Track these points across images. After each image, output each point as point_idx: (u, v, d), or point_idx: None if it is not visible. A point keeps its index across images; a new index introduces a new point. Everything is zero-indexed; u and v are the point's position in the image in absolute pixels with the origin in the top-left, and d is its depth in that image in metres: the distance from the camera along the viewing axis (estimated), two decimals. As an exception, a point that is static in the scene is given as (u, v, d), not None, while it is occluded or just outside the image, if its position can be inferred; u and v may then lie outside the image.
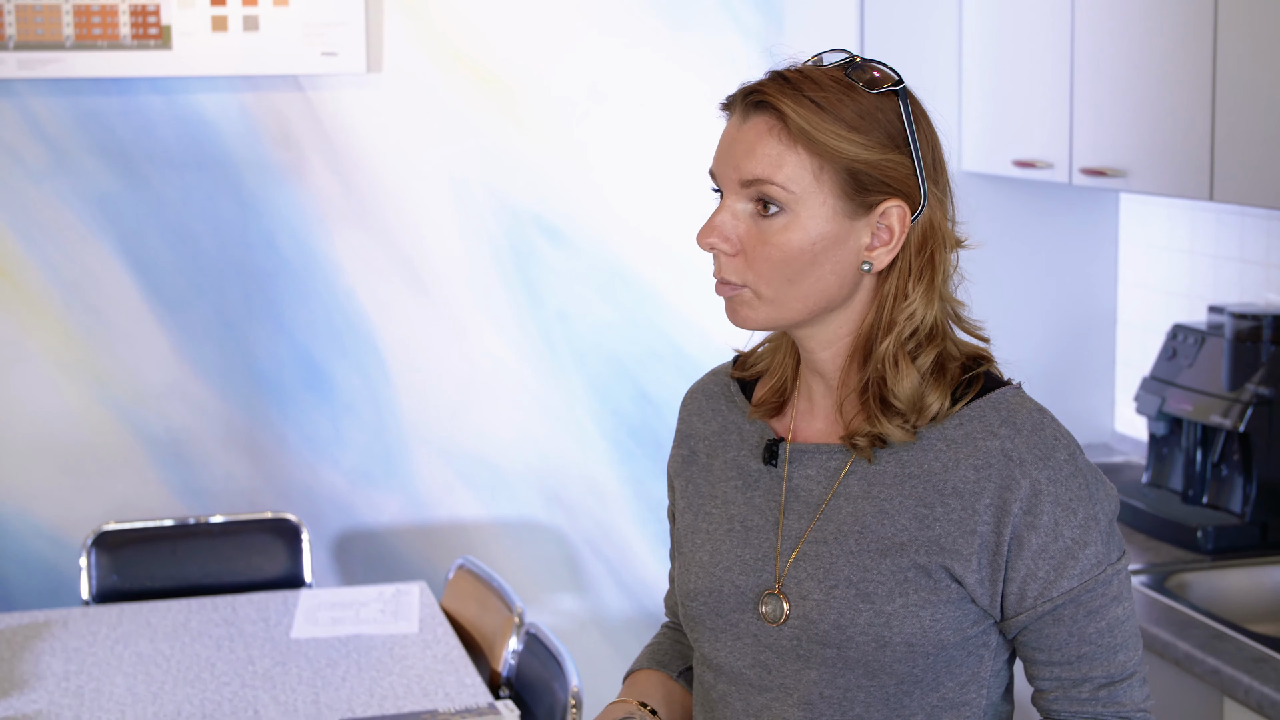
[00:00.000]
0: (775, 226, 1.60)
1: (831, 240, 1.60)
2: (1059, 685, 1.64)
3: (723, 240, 1.62)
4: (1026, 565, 1.59)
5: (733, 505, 1.73)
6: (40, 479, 3.85)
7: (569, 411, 4.10)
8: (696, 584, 1.74)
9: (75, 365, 3.85)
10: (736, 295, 1.64)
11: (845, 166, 1.58)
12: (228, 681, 3.01)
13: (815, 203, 1.59)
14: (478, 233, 4.00)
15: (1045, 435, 1.61)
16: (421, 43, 3.92)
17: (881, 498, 1.63)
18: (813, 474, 1.68)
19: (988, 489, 1.59)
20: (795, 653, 1.65)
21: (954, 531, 1.60)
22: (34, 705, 2.90)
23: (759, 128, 1.60)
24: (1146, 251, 3.83)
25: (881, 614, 1.60)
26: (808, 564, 1.65)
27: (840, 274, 1.62)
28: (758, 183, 1.59)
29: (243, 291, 3.90)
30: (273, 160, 3.88)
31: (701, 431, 1.81)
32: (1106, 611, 1.61)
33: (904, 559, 1.61)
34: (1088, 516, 1.60)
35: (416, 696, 2.93)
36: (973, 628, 1.63)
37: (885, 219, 1.61)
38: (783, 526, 1.68)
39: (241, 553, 3.71)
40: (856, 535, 1.63)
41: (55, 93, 3.75)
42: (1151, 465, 3.39)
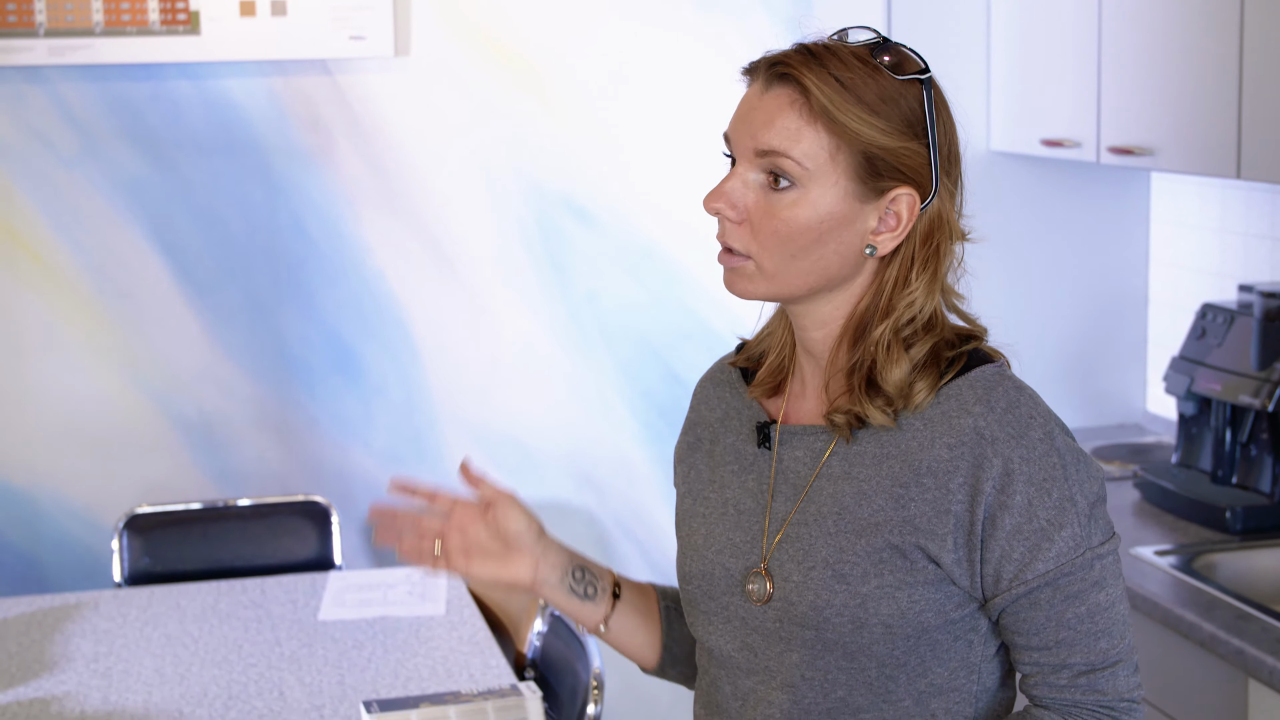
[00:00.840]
0: (785, 201, 1.59)
1: (839, 221, 1.59)
2: (1039, 670, 1.62)
3: (730, 207, 1.61)
4: (1001, 546, 1.57)
5: (728, 489, 1.74)
6: (73, 462, 3.89)
7: (598, 392, 4.10)
8: (691, 567, 1.75)
9: (107, 349, 3.87)
10: (740, 266, 1.63)
11: (862, 149, 1.57)
12: (254, 663, 3.03)
13: (828, 182, 1.58)
14: (506, 214, 4.01)
15: (1020, 413, 1.58)
16: (448, 26, 3.92)
17: (860, 478, 1.62)
18: (800, 455, 1.68)
19: (961, 468, 1.57)
20: (778, 634, 1.65)
21: (928, 511, 1.58)
22: (63, 686, 2.92)
23: (780, 99, 1.59)
24: (1178, 230, 3.80)
25: (857, 595, 1.59)
26: (790, 545, 1.65)
27: (843, 255, 1.61)
28: (773, 154, 1.58)
29: (272, 275, 3.92)
30: (301, 144, 3.89)
31: (708, 419, 1.82)
32: (1087, 596, 1.58)
33: (879, 539, 1.59)
34: (1063, 497, 1.57)
35: (441, 678, 2.95)
36: (956, 610, 1.61)
37: (895, 205, 1.60)
38: (771, 508, 1.68)
39: (272, 535, 3.74)
40: (835, 516, 1.62)
41: (85, 79, 3.77)
42: (1181, 445, 3.37)
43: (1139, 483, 3.36)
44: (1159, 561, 2.98)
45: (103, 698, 2.88)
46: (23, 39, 3.69)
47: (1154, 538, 3.13)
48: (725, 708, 1.73)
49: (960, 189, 1.67)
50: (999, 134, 3.79)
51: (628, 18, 4.00)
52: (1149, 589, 2.85)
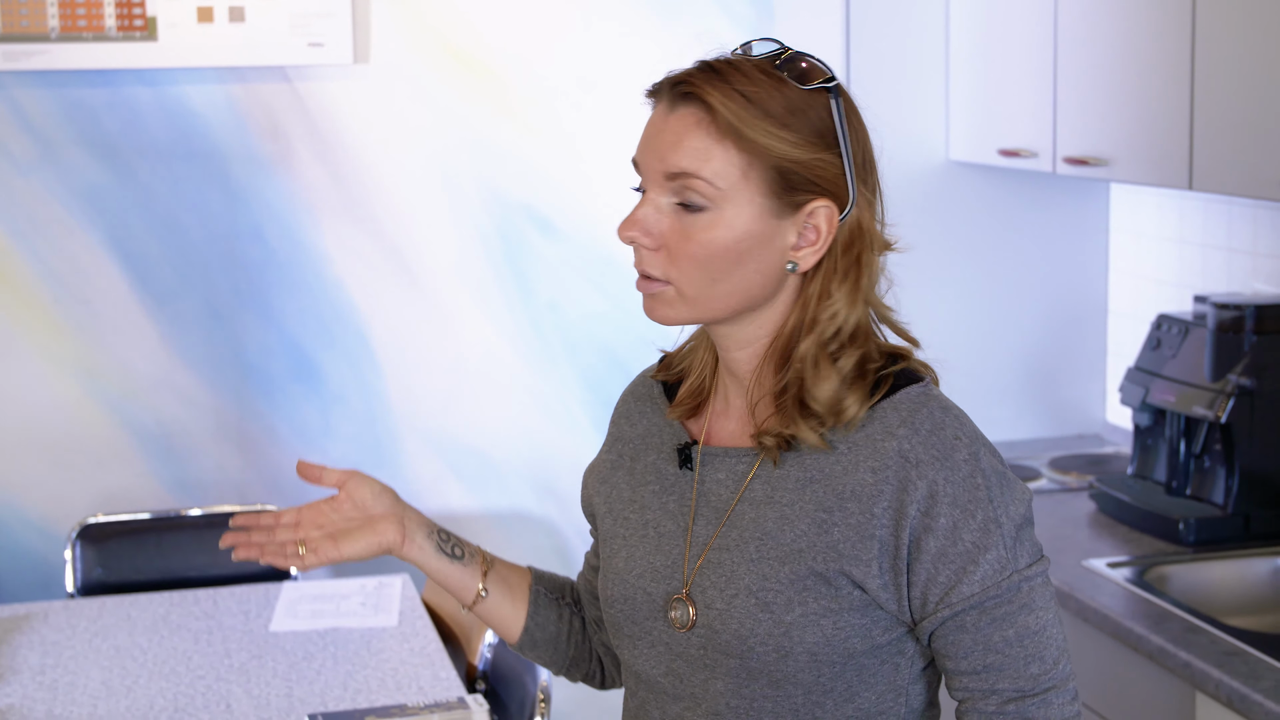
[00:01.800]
0: (700, 223, 1.55)
1: (757, 240, 1.55)
2: (969, 696, 1.59)
3: (644, 234, 1.58)
4: (926, 569, 1.54)
5: (649, 510, 1.70)
6: (29, 471, 3.86)
7: (560, 402, 4.08)
8: (613, 591, 1.71)
9: (64, 357, 3.85)
10: (659, 292, 1.59)
11: (774, 164, 1.54)
12: (202, 675, 3.01)
13: (742, 200, 1.54)
14: (467, 223, 3.99)
15: (945, 435, 1.56)
16: (409, 33, 3.90)
17: (783, 503, 1.59)
18: (722, 478, 1.64)
19: (885, 491, 1.54)
20: (703, 661, 1.62)
21: (852, 536, 1.55)
22: (7, 699, 2.91)
23: (686, 120, 1.56)
24: (1137, 240, 3.80)
25: (781, 623, 1.56)
26: (711, 571, 1.61)
27: (764, 273, 1.57)
28: (683, 176, 1.55)
29: (231, 283, 3.90)
30: (260, 151, 3.88)
31: (628, 435, 1.78)
32: (1015, 619, 1.55)
33: (802, 566, 1.56)
34: (988, 519, 1.54)
35: (390, 690, 2.93)
36: (883, 635, 1.58)
37: (813, 219, 1.57)
38: (692, 532, 1.65)
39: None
40: (757, 542, 1.59)
41: (41, 85, 3.75)
42: (1136, 456, 3.36)
43: (1094, 494, 3.35)
44: (1111, 574, 2.97)
45: (47, 710, 2.86)
46: (-21, 46, 3.68)
47: (1108, 549, 3.12)
48: None
49: (880, 197, 1.63)
50: (958, 144, 3.79)
51: (589, 26, 3.99)
52: (1100, 601, 2.84)
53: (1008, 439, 3.88)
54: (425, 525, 1.79)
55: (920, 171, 3.81)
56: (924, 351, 1.70)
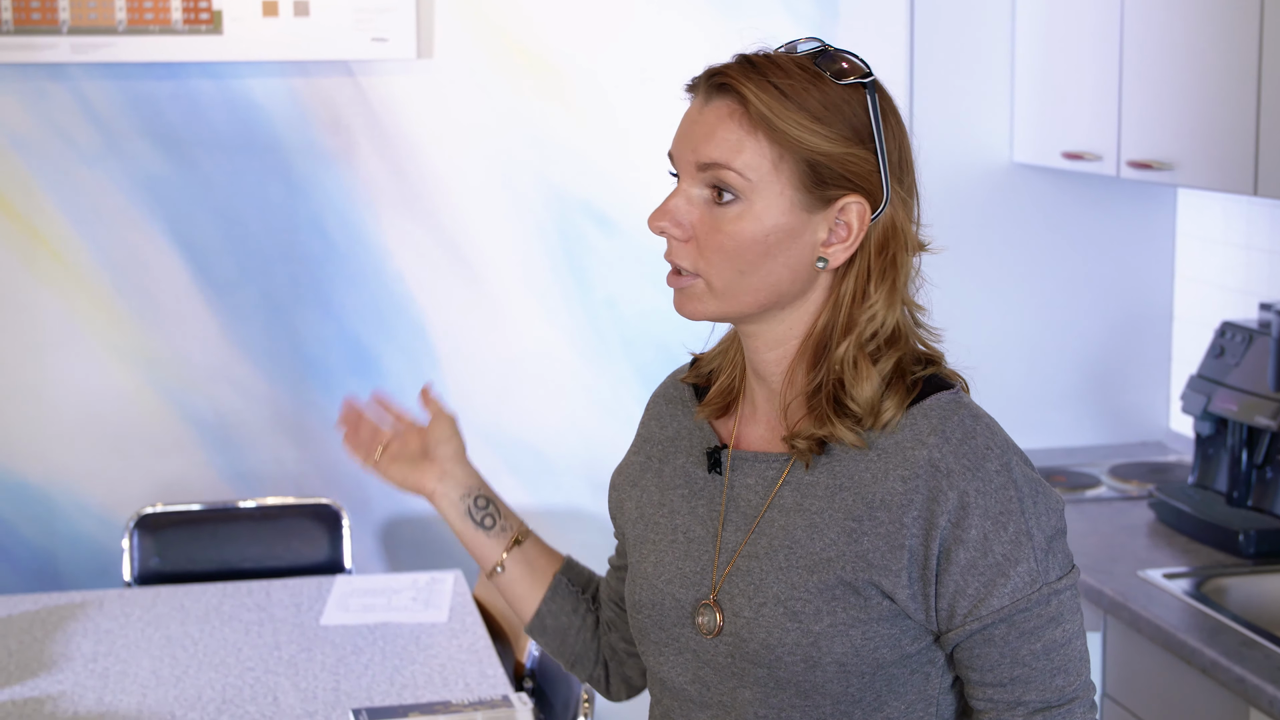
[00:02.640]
0: (729, 215, 1.55)
1: (786, 233, 1.55)
2: (993, 707, 1.57)
3: (674, 225, 1.57)
4: (955, 581, 1.53)
5: (678, 515, 1.69)
6: (90, 460, 3.91)
7: (616, 399, 4.08)
8: (641, 596, 1.70)
9: (125, 347, 3.89)
10: (688, 286, 1.58)
11: (805, 157, 1.53)
12: (251, 667, 3.03)
13: (772, 192, 1.54)
14: (526, 219, 4.00)
15: (976, 444, 1.54)
16: (471, 28, 3.91)
17: (812, 510, 1.58)
18: (751, 483, 1.63)
19: (915, 501, 1.53)
20: (730, 670, 1.61)
21: (882, 546, 1.54)
22: (59, 686, 2.94)
23: (720, 111, 1.56)
24: (1203, 246, 3.74)
25: (809, 634, 1.54)
26: (740, 579, 1.60)
27: (794, 269, 1.56)
28: (714, 167, 1.55)
29: (291, 275, 3.93)
30: (322, 145, 3.89)
31: (658, 436, 1.77)
32: (1043, 633, 1.54)
33: (831, 575, 1.55)
34: (1020, 531, 1.53)
35: (437, 686, 2.94)
36: (912, 645, 1.57)
37: (844, 215, 1.55)
38: (721, 538, 1.64)
39: (282, 538, 3.74)
40: (786, 550, 1.58)
41: (107, 77, 3.79)
42: (1197, 466, 3.31)
43: (1154, 503, 3.30)
44: (1168, 585, 2.93)
45: (97, 699, 2.89)
46: (46, 36, 3.72)
47: (1166, 559, 3.08)
48: None
49: (916, 198, 1.62)
50: (1022, 146, 3.75)
51: (650, 22, 3.98)
52: (1155, 612, 2.80)
53: (1068, 445, 3.84)
54: (464, 486, 1.86)
55: (984, 173, 3.78)
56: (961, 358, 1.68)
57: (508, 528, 1.86)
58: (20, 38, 3.70)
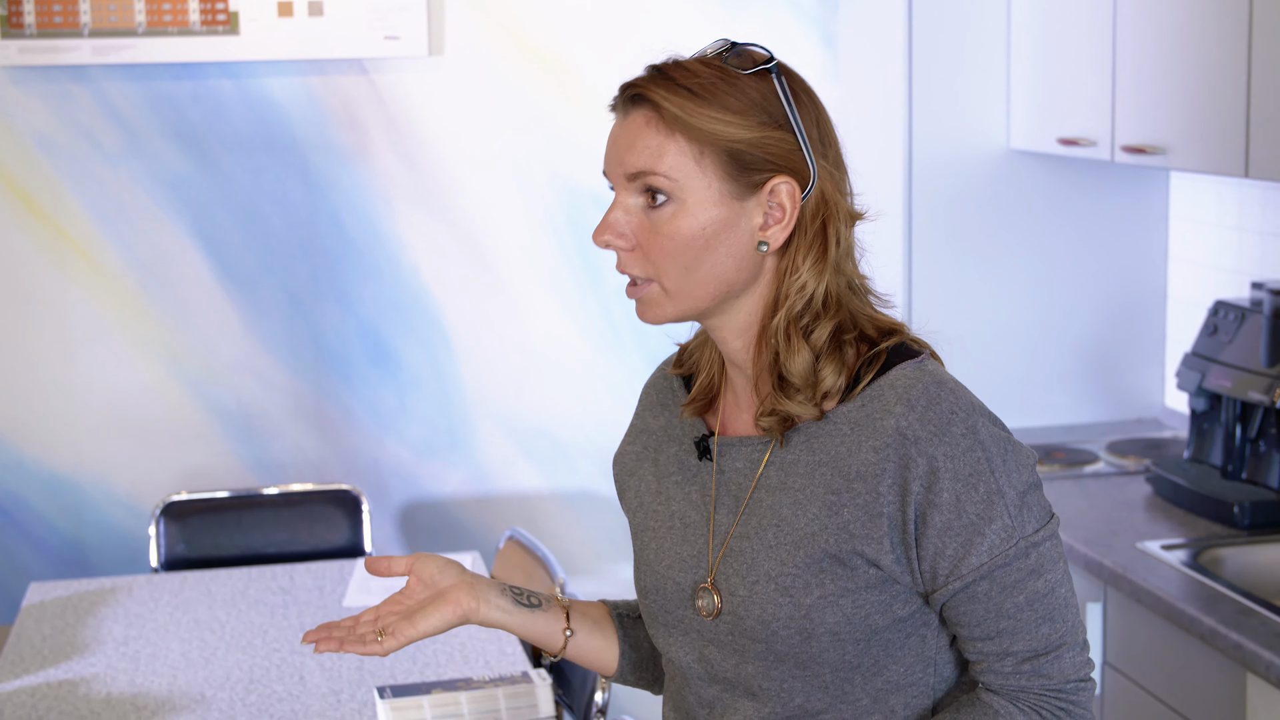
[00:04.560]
0: (665, 216, 1.60)
1: (722, 223, 1.60)
2: (984, 658, 1.64)
3: (617, 236, 1.63)
4: (933, 544, 1.58)
5: (674, 501, 1.75)
6: (117, 450, 4.01)
7: (628, 385, 4.17)
8: (646, 582, 1.77)
9: (150, 341, 3.99)
10: (645, 295, 1.64)
11: (725, 148, 1.59)
12: (277, 648, 3.12)
13: (700, 187, 1.60)
14: (538, 211, 4.09)
15: (941, 410, 1.59)
16: (481, 25, 4.00)
17: (795, 488, 1.64)
18: (740, 466, 1.69)
19: (888, 469, 1.58)
20: (732, 647, 1.68)
21: (861, 516, 1.59)
22: (91, 669, 3.03)
23: (637, 121, 1.62)
24: (1195, 228, 3.82)
25: (801, 607, 1.61)
26: (734, 560, 1.67)
27: (737, 256, 1.62)
28: (642, 175, 1.61)
29: (310, 269, 4.02)
30: (338, 142, 3.99)
31: (652, 426, 1.83)
32: (1025, 585, 1.59)
33: (816, 549, 1.61)
34: (990, 490, 1.58)
35: (458, 664, 3.02)
36: (904, 608, 1.63)
37: (775, 196, 1.61)
38: (714, 521, 1.70)
39: (304, 523, 3.83)
40: (774, 529, 1.64)
41: (129, 78, 3.89)
42: (1192, 441, 3.39)
43: (1150, 477, 3.38)
44: (1166, 556, 3.01)
45: (129, 680, 2.98)
46: (68, 39, 3.81)
47: (1163, 532, 3.16)
48: (693, 714, 1.77)
49: (844, 170, 1.67)
50: (1018, 132, 3.82)
51: (657, 17, 4.06)
52: (1154, 583, 2.88)
53: (1067, 423, 3.92)
54: (497, 585, 1.81)
55: (982, 160, 3.85)
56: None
57: (550, 599, 1.84)
58: (43, 40, 3.80)
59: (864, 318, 1.66)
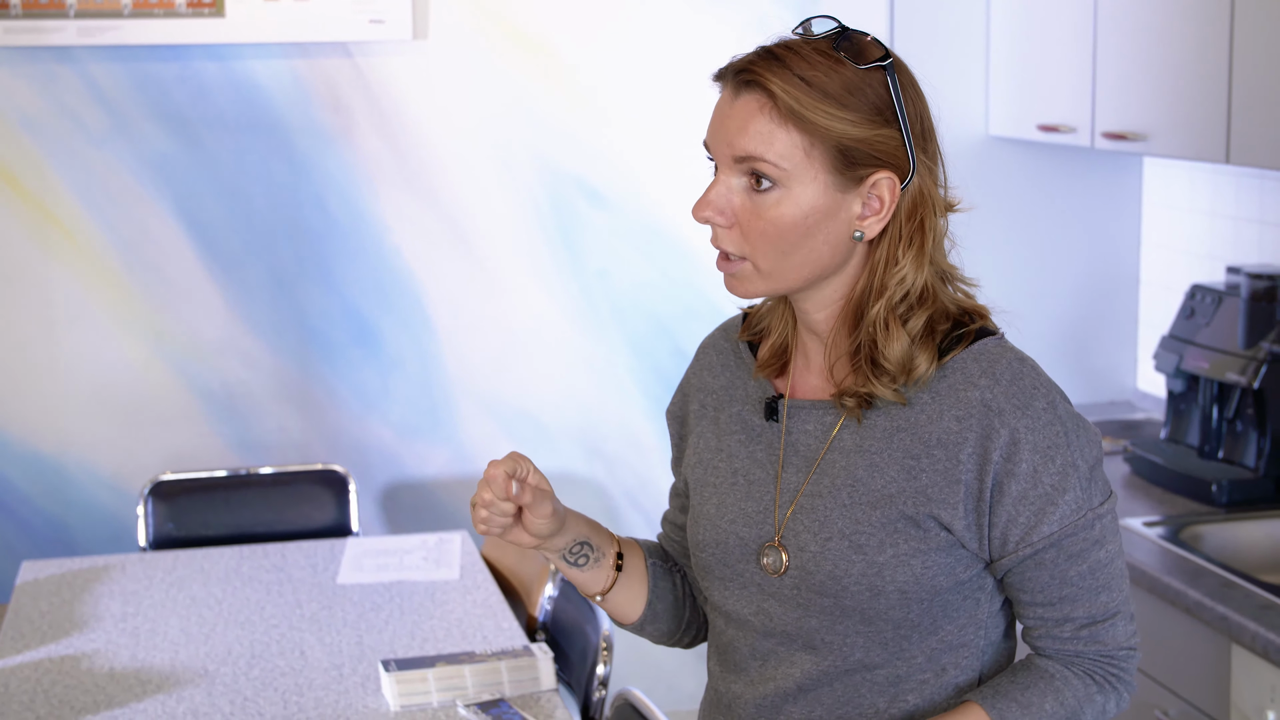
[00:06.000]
0: (768, 201, 1.65)
1: (823, 213, 1.65)
2: (1042, 624, 1.71)
3: (717, 214, 1.67)
4: (1008, 511, 1.65)
5: (736, 459, 1.80)
6: (101, 430, 4.02)
7: (609, 367, 4.22)
8: (704, 535, 1.81)
9: (134, 321, 4.00)
10: (737, 270, 1.69)
11: (835, 143, 1.63)
12: (276, 624, 3.15)
13: (806, 178, 1.63)
14: (520, 194, 4.12)
15: (1024, 384, 1.65)
16: (466, 9, 4.03)
17: (872, 451, 1.69)
18: (810, 429, 1.74)
19: (969, 438, 1.65)
20: (795, 601, 1.72)
21: (939, 481, 1.66)
22: (93, 644, 3.05)
23: (750, 106, 1.65)
24: (1169, 214, 3.90)
25: (874, 564, 1.67)
26: (804, 517, 1.71)
27: (833, 244, 1.67)
28: (750, 159, 1.64)
29: (294, 250, 4.04)
30: (323, 124, 4.01)
31: (711, 385, 1.87)
32: (1088, 555, 1.67)
33: (893, 510, 1.66)
34: (1066, 463, 1.65)
35: (456, 639, 3.05)
36: (965, 572, 1.69)
37: (875, 190, 1.65)
38: (781, 480, 1.74)
39: (292, 502, 3.85)
40: (849, 489, 1.69)
41: (114, 59, 3.90)
42: (1170, 421, 3.48)
43: (1129, 457, 3.47)
44: (1147, 532, 3.09)
45: (131, 655, 3.00)
46: (53, 20, 3.82)
47: (1143, 509, 3.23)
48: (744, 666, 1.80)
49: (940, 163, 1.71)
50: (997, 119, 3.89)
51: (639, 3, 4.11)
52: (1138, 558, 2.95)
53: None
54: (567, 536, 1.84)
55: (960, 146, 3.91)
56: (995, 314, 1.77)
57: (604, 558, 1.89)
58: (28, 21, 3.80)
59: (949, 300, 1.72)
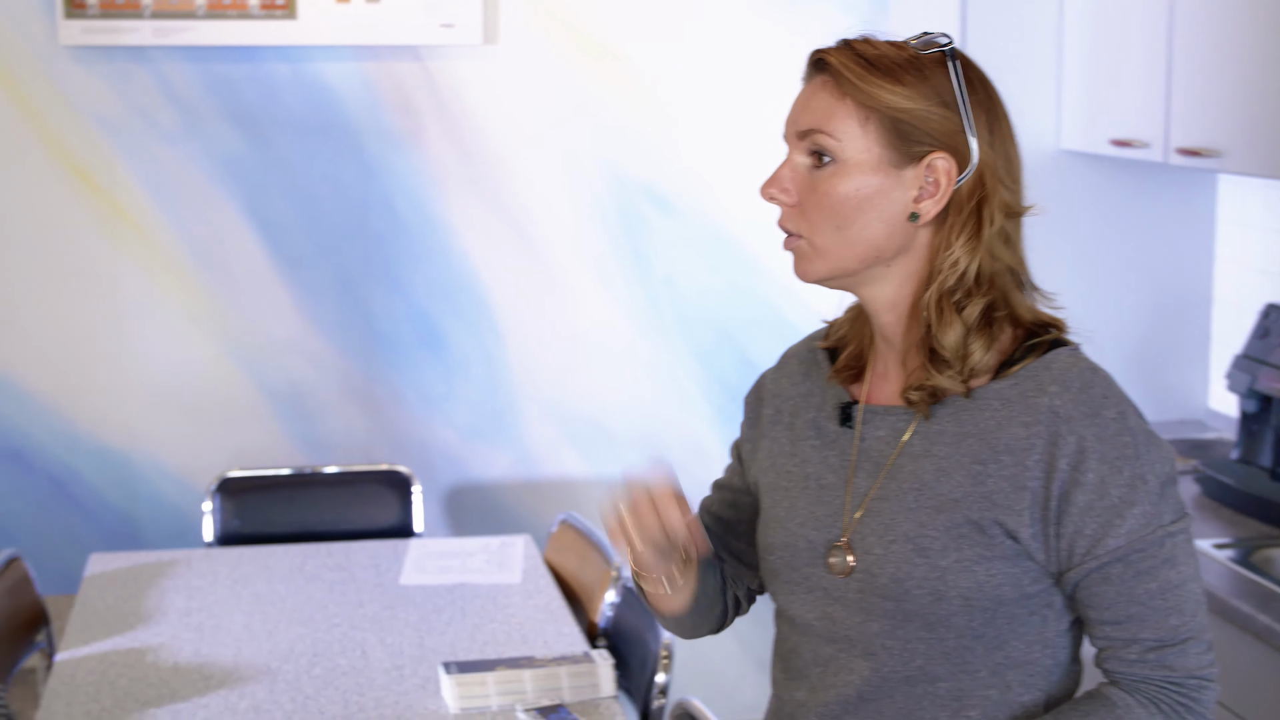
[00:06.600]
0: (825, 175, 1.69)
1: (877, 189, 1.68)
2: (1110, 644, 1.68)
3: (780, 191, 1.72)
4: (1074, 522, 1.63)
5: (809, 464, 1.81)
6: (169, 426, 4.07)
7: (673, 375, 4.23)
8: (773, 539, 1.82)
9: (202, 318, 4.04)
10: (796, 247, 1.73)
11: (890, 115, 1.66)
12: (338, 623, 3.17)
13: (860, 150, 1.67)
14: (587, 200, 4.14)
15: (1094, 394, 1.65)
16: (535, 15, 4.06)
17: (940, 456, 1.69)
18: (882, 434, 1.75)
19: (1037, 445, 1.64)
20: (859, 605, 1.72)
21: (1006, 487, 1.65)
22: (157, 638, 3.09)
23: (815, 85, 1.72)
24: (1243, 231, 3.86)
25: (937, 568, 1.66)
26: (871, 520, 1.72)
27: (888, 223, 1.69)
28: (810, 133, 1.70)
29: (361, 251, 4.07)
30: (392, 127, 4.04)
31: (789, 392, 1.89)
32: (1158, 573, 1.63)
33: (958, 515, 1.66)
34: (1134, 475, 1.62)
35: (516, 643, 3.07)
36: (1032, 585, 1.67)
37: (931, 171, 1.67)
38: (852, 484, 1.75)
39: (356, 502, 3.89)
40: (915, 493, 1.69)
41: (187, 59, 3.94)
42: (1242, 442, 3.44)
43: (1199, 477, 3.43)
44: (1217, 554, 3.05)
45: (195, 650, 3.03)
46: (129, 20, 3.86)
47: (1213, 531, 3.20)
48: (806, 673, 1.80)
49: (1013, 161, 1.72)
50: (1069, 133, 3.87)
51: (708, 11, 4.12)
52: (1207, 581, 2.89)
53: None
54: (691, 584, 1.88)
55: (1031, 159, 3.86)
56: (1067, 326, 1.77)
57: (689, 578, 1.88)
58: (105, 21, 3.85)
59: (1022, 305, 1.72)
